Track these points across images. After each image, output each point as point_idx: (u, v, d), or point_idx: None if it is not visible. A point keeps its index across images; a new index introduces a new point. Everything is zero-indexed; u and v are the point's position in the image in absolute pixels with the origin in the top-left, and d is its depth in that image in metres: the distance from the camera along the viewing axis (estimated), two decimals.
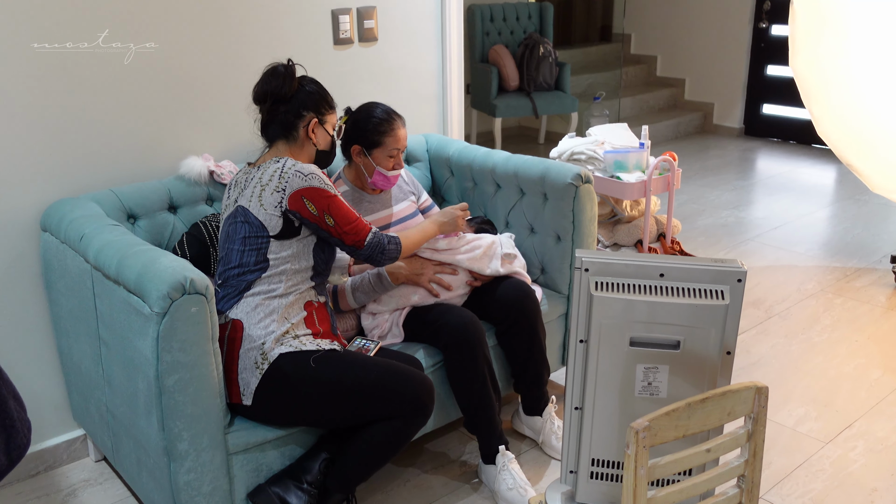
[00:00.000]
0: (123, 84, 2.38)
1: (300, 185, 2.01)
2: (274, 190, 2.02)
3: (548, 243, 2.67)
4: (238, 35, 2.59)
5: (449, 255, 2.42)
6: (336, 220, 2.05)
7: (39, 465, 2.48)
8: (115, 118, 2.39)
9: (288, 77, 2.13)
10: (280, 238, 2.02)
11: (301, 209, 2.01)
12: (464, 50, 6.49)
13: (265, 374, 1.94)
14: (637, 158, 2.91)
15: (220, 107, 2.59)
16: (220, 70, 2.57)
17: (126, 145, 2.43)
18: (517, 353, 2.46)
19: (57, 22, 2.21)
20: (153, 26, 2.39)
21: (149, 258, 1.85)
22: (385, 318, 2.41)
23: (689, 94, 7.19)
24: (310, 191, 2.02)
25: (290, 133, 2.15)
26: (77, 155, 2.34)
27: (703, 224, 4.74)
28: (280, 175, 2.03)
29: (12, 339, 2.36)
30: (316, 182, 2.03)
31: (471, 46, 6.23)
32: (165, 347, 1.77)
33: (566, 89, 6.08)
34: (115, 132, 2.40)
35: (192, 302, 1.77)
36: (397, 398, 1.98)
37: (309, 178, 2.03)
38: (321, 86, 2.21)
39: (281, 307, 2.01)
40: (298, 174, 2.02)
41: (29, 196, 2.28)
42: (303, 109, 2.14)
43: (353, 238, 2.09)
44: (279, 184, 2.02)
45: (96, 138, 2.36)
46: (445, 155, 2.97)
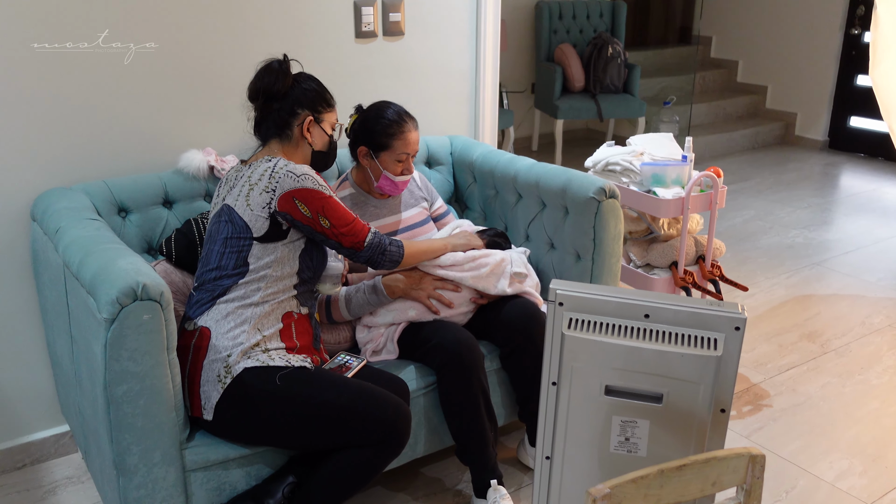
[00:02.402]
0: (127, 75, 2.29)
1: (292, 185, 1.88)
2: (263, 190, 1.89)
3: (567, 261, 2.45)
4: (252, 27, 2.47)
5: (452, 272, 2.23)
6: (332, 221, 1.91)
7: (26, 458, 2.43)
8: (116, 108, 2.30)
9: (282, 73, 1.99)
10: (264, 241, 1.89)
11: (292, 211, 1.88)
12: (529, 48, 6.33)
13: (227, 389, 1.81)
14: (677, 172, 2.66)
15: (230, 101, 2.48)
16: (233, 63, 2.46)
17: (127, 136, 2.34)
18: (521, 379, 2.27)
19: (58, 22, 2.14)
20: (161, 20, 2.29)
21: (107, 258, 1.74)
22: (380, 333, 2.25)
23: (770, 103, 6.77)
24: (302, 192, 1.88)
25: (284, 132, 2.02)
26: (74, 144, 2.26)
27: (767, 243, 4.40)
28: (270, 175, 1.90)
29: (2, 329, 2.31)
30: (309, 183, 1.89)
31: (536, 45, 6.01)
32: (113, 356, 1.65)
33: (634, 92, 5.79)
34: (116, 122, 2.31)
35: (145, 309, 1.65)
36: (368, 425, 1.82)
37: (301, 178, 1.89)
38: (319, 83, 2.07)
39: (254, 317, 1.88)
40: (290, 174, 1.89)
41: (21, 184, 2.22)
42: (297, 107, 2.01)
43: (351, 239, 1.95)
44: (269, 184, 1.89)
45: (96, 128, 2.28)
46: (469, 159, 2.79)
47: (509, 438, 2.59)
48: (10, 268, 2.27)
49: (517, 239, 2.64)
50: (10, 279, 2.28)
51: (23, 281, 2.30)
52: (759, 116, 6.82)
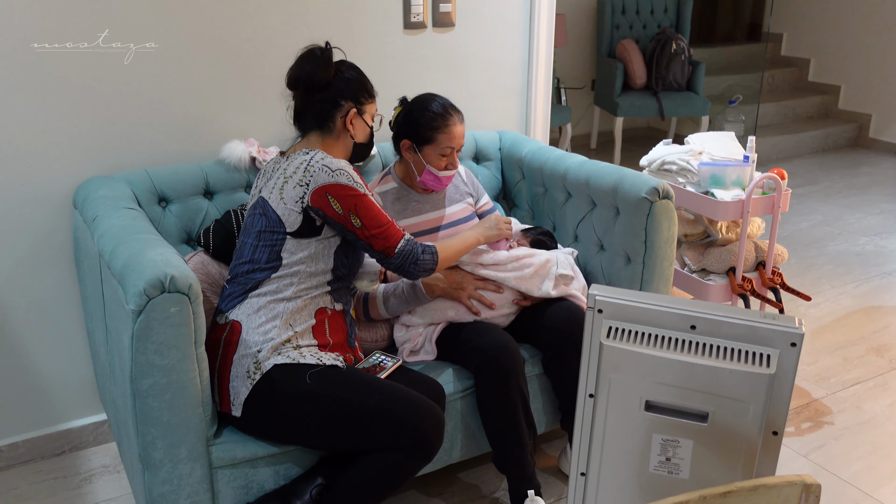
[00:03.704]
0: (172, 63, 2.27)
1: (326, 180, 1.82)
2: (297, 184, 1.84)
3: (617, 264, 2.34)
4: (298, 16, 2.42)
5: (494, 272, 2.15)
6: (363, 221, 1.84)
7: (65, 444, 2.43)
8: (160, 97, 2.28)
9: (324, 62, 1.93)
10: (297, 236, 1.84)
11: (325, 207, 1.82)
12: (590, 44, 6.17)
13: (256, 385, 1.76)
14: (738, 174, 2.52)
15: (273, 92, 2.43)
16: (277, 53, 2.41)
17: (170, 126, 2.32)
18: (564, 386, 2.17)
19: (91, 19, 2.13)
20: (204, 7, 2.26)
21: (137, 249, 1.71)
22: (418, 332, 2.18)
23: (843, 104, 6.48)
24: (336, 187, 1.82)
25: (326, 124, 1.95)
26: (116, 132, 2.25)
27: (835, 250, 4.19)
28: (306, 168, 1.84)
29: (45, 316, 2.31)
30: (343, 178, 1.83)
31: (598, 40, 5.86)
32: (140, 348, 1.62)
33: (699, 90, 5.60)
34: (160, 111, 2.29)
35: (172, 301, 1.61)
36: (398, 428, 1.75)
37: (337, 174, 1.83)
38: (361, 72, 2.01)
39: (286, 312, 1.82)
40: (325, 169, 1.83)
41: (64, 171, 2.21)
42: (340, 98, 1.94)
43: (382, 243, 1.87)
44: (303, 177, 1.83)
45: (139, 116, 2.27)
46: (518, 155, 2.69)
47: (551, 446, 2.50)
48: (53, 255, 2.27)
49: (565, 239, 2.54)
50: (53, 266, 2.28)
51: (65, 268, 2.30)
52: (831, 117, 6.54)
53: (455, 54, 2.75)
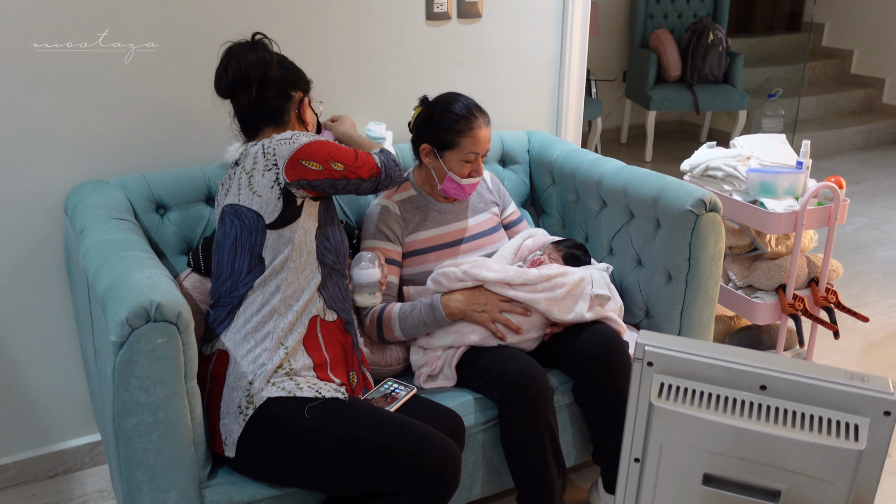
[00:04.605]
0: (175, 63, 2.08)
1: (291, 150, 1.69)
2: (264, 170, 1.68)
3: (656, 281, 2.13)
4: (313, 5, 2.22)
5: (523, 292, 1.94)
6: (342, 161, 1.73)
7: (58, 466, 2.27)
8: (159, 97, 2.10)
9: (269, 54, 1.79)
10: (277, 226, 1.67)
11: (304, 173, 1.68)
12: (622, 34, 5.90)
13: (249, 422, 1.57)
14: (790, 181, 2.29)
15: None
16: (294, 45, 2.20)
17: (170, 126, 2.14)
18: (597, 418, 1.97)
19: (91, 19, 1.95)
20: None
21: (123, 270, 1.53)
22: (437, 356, 1.98)
23: (888, 97, 6.17)
24: (303, 149, 1.70)
25: (280, 118, 1.83)
26: (113, 133, 2.07)
27: (883, 256, 3.92)
28: (264, 154, 1.70)
29: (36, 328, 2.15)
30: (303, 139, 1.72)
31: (631, 30, 5.60)
32: (122, 384, 1.44)
33: (736, 83, 5.33)
34: (158, 112, 2.11)
35: (158, 332, 1.43)
36: (409, 469, 1.55)
37: (294, 139, 1.71)
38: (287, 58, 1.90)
39: (277, 330, 1.64)
40: (283, 141, 1.70)
41: (56, 174, 2.04)
42: (290, 88, 1.83)
43: (367, 169, 1.78)
44: (267, 162, 1.69)
45: (137, 117, 2.09)
46: (548, 158, 2.48)
47: (581, 476, 2.30)
48: (45, 263, 2.10)
49: (599, 252, 2.32)
50: (45, 276, 2.11)
51: (58, 277, 2.14)
52: (875, 112, 6.23)
53: (481, 48, 2.54)
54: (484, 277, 1.93)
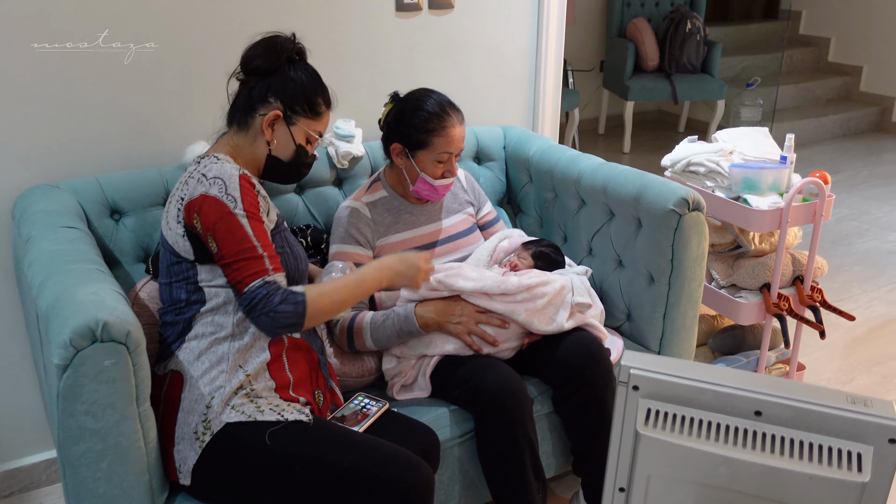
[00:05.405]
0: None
1: (196, 191, 1.50)
2: (178, 199, 1.54)
3: (638, 283, 2.05)
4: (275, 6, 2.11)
5: (502, 303, 1.84)
6: (219, 243, 1.47)
7: (13, 485, 2.16)
8: (119, 95, 1.99)
9: (273, 47, 1.61)
10: (204, 262, 1.54)
11: (192, 225, 1.51)
12: (599, 23, 5.80)
13: (206, 449, 1.46)
14: (775, 177, 2.21)
15: None
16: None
17: (127, 126, 2.02)
18: (578, 429, 1.89)
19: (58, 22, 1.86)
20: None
21: (68, 285, 1.41)
22: (411, 365, 1.89)
23: (865, 85, 6.14)
24: (202, 200, 1.48)
25: (246, 118, 1.63)
26: (69, 135, 1.95)
27: (864, 248, 3.88)
28: (187, 179, 1.54)
29: None
30: (215, 190, 1.49)
31: (608, 19, 5.52)
32: (67, 410, 1.33)
33: (714, 72, 5.26)
34: (118, 111, 2.00)
35: (106, 353, 1.32)
36: (378, 493, 1.45)
37: (211, 182, 1.49)
38: (317, 81, 1.66)
39: (232, 352, 1.52)
40: (201, 178, 1.51)
41: (5, 178, 1.91)
42: (270, 95, 1.61)
43: (235, 275, 1.48)
44: (182, 191, 1.54)
45: (94, 118, 1.97)
46: (525, 155, 2.39)
47: (561, 485, 2.22)
48: None
49: (578, 253, 2.24)
50: None
51: (7, 287, 2.01)
52: (852, 100, 6.20)
53: (454, 40, 2.44)
54: (460, 288, 1.83)
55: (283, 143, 1.63)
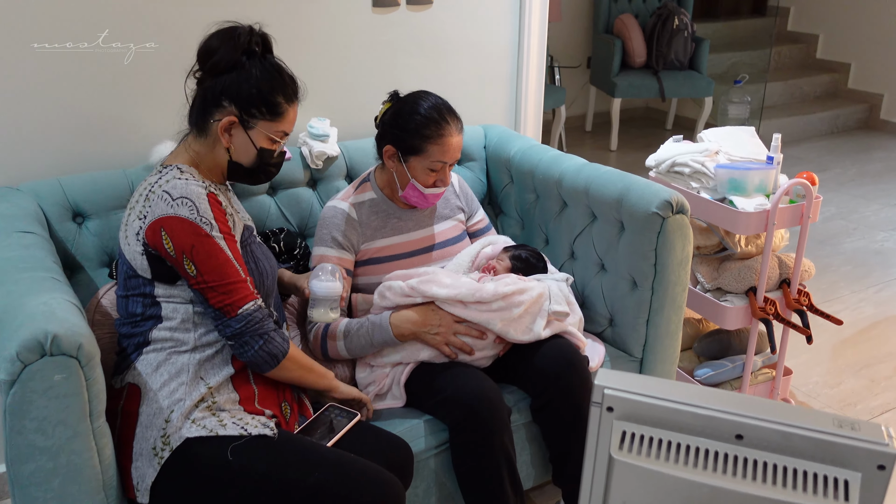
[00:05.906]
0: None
1: (162, 212, 1.42)
2: (138, 215, 1.45)
3: (620, 288, 1.99)
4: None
5: (477, 312, 1.78)
6: (199, 267, 1.41)
7: None
8: (83, 97, 1.91)
9: (231, 40, 1.48)
10: (162, 281, 1.46)
11: (158, 245, 1.42)
12: (586, 19, 5.74)
13: (165, 466, 1.40)
14: (761, 178, 2.16)
15: None
16: None
17: (94, 127, 1.95)
18: (556, 438, 1.83)
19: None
20: None
21: (17, 295, 1.34)
22: (385, 373, 1.83)
23: (853, 83, 6.10)
24: (171, 221, 1.41)
25: (202, 123, 1.53)
26: (21, 135, 1.87)
27: (851, 248, 3.84)
28: (147, 195, 1.45)
29: None
30: (184, 210, 1.41)
31: (595, 15, 5.46)
32: (16, 427, 1.26)
33: (702, 69, 5.22)
34: (71, 112, 1.92)
35: (56, 367, 1.25)
36: None
37: (178, 203, 1.41)
38: (278, 79, 1.53)
39: (192, 364, 1.46)
40: (165, 196, 1.42)
41: None
42: (224, 96, 1.49)
43: (222, 298, 1.43)
44: (143, 207, 1.45)
45: (51, 117, 1.89)
46: (506, 155, 2.32)
47: (542, 494, 2.16)
48: None
49: (559, 257, 2.18)
50: None
51: None
52: (840, 97, 6.16)
53: (433, 36, 2.37)
54: (433, 294, 1.77)
55: (243, 149, 1.54)
